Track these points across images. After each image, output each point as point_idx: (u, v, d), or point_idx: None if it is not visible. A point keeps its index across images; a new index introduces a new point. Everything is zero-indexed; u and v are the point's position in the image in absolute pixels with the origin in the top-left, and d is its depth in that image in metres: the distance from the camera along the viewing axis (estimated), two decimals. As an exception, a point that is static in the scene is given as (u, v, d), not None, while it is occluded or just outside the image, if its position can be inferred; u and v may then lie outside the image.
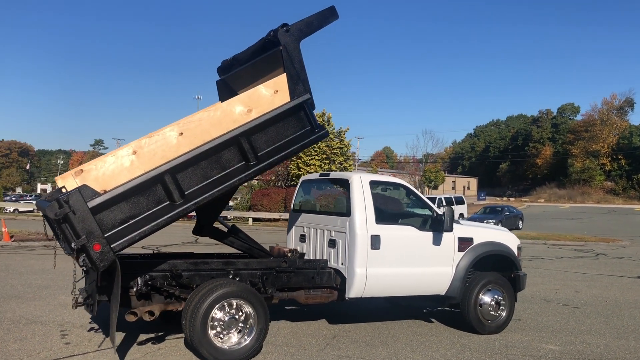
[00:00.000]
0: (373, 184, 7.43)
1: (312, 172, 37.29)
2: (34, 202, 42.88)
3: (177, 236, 21.20)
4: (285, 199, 32.51)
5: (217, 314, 6.10)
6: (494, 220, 33.23)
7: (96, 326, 7.49)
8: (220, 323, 6.10)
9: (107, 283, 5.91)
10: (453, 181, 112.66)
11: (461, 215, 38.02)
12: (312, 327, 7.83)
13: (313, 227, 7.94)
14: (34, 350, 6.32)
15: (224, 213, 36.12)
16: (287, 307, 8.95)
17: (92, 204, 5.43)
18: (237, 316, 6.19)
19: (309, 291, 7.31)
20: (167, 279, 6.42)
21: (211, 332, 6.03)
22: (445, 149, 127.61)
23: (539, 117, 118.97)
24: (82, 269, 6.03)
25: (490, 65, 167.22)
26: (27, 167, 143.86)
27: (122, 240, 5.58)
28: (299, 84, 6.47)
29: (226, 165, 6.12)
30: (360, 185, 7.24)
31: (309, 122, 6.55)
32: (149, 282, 6.27)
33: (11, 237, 17.62)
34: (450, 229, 7.36)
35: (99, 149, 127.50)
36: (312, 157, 37.11)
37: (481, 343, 7.33)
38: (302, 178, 8.71)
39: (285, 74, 6.43)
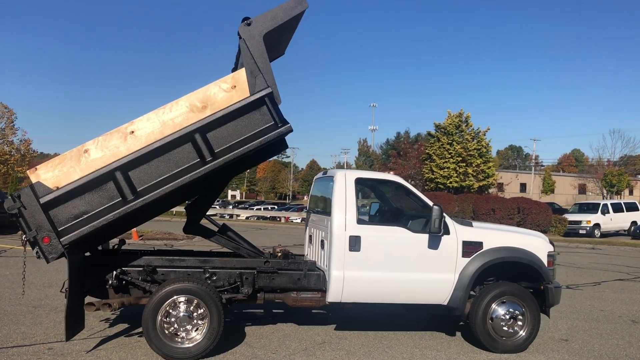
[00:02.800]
0: (359, 182, 6.95)
1: (446, 176, 35.92)
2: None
3: (295, 237, 21.73)
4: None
5: (168, 310, 6.14)
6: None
7: (112, 317, 7.97)
8: (171, 320, 6.14)
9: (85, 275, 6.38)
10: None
11: (634, 223, 33.58)
12: (310, 332, 7.51)
13: (315, 228, 7.65)
14: (33, 334, 6.93)
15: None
16: (313, 311, 8.72)
17: (43, 200, 5.82)
18: (189, 314, 6.18)
19: (298, 293, 7.04)
20: (142, 274, 6.65)
21: (160, 328, 6.08)
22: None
23: None
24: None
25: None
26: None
27: (71, 234, 5.88)
28: (258, 78, 6.28)
29: (180, 163, 6.14)
30: (343, 182, 6.81)
31: (271, 116, 6.30)
32: (121, 276, 6.55)
33: (140, 236, 19.54)
34: (438, 232, 6.56)
35: (282, 158, 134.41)
36: (446, 159, 35.50)
37: (483, 362, 6.43)
38: (316, 176, 8.43)
39: (244, 68, 6.30)
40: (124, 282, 6.61)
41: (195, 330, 6.20)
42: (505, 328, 6.79)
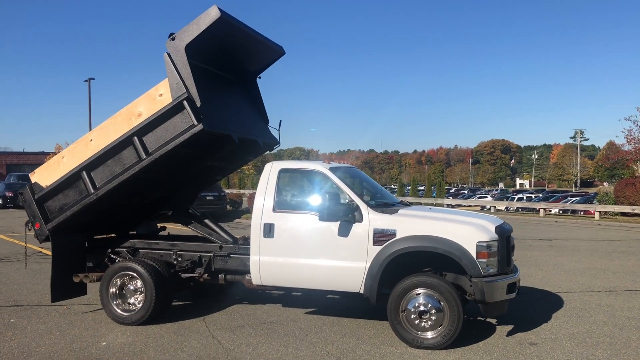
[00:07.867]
0: (284, 172, 7.25)
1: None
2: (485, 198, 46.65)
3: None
4: (651, 187, 26.28)
5: (123, 283, 7.51)
6: None
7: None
8: (121, 292, 7.52)
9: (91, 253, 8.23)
10: None
11: None
12: (277, 313, 8.00)
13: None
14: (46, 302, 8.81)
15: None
16: (328, 296, 9.04)
17: (37, 196, 7.75)
18: (135, 288, 7.45)
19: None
20: (128, 254, 8.14)
21: (111, 297, 7.50)
22: None
23: None
24: None
25: None
26: (511, 163, 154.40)
27: (52, 222, 7.69)
28: (178, 85, 7.14)
29: (125, 162, 7.37)
30: (268, 172, 7.26)
31: (190, 117, 7.11)
32: (112, 255, 8.15)
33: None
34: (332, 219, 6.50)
35: (581, 141, 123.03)
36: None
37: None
38: None
39: (167, 78, 7.23)
40: (115, 260, 8.18)
41: (137, 302, 7.44)
42: (417, 322, 6.35)
